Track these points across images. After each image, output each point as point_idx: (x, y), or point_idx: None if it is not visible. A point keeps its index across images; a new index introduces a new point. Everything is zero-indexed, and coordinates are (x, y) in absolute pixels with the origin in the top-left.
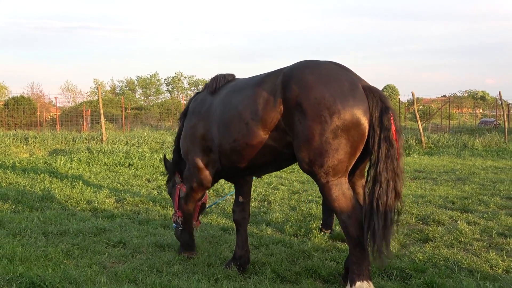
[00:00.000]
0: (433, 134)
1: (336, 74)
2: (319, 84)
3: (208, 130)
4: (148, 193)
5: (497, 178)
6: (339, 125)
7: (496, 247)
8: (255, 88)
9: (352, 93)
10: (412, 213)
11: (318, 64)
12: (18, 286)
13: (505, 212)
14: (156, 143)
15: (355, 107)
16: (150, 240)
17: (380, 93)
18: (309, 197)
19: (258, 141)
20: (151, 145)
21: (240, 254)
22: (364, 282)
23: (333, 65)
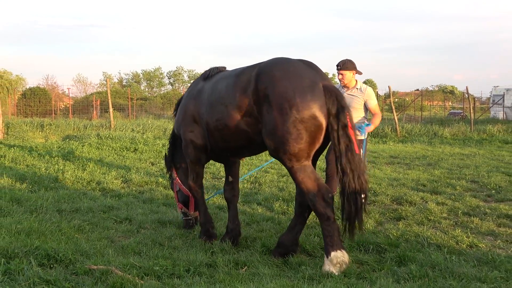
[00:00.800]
0: (407, 124)
1: (300, 71)
2: (284, 80)
3: (198, 108)
4: (152, 175)
5: (463, 163)
6: (298, 117)
7: (461, 225)
8: (235, 78)
9: (311, 89)
10: (387, 194)
11: (287, 62)
12: (34, 258)
13: (470, 194)
14: (159, 130)
15: (311, 102)
16: (153, 217)
17: (338, 92)
18: None
19: (234, 123)
20: (154, 132)
21: (232, 227)
22: (338, 252)
23: (300, 64)
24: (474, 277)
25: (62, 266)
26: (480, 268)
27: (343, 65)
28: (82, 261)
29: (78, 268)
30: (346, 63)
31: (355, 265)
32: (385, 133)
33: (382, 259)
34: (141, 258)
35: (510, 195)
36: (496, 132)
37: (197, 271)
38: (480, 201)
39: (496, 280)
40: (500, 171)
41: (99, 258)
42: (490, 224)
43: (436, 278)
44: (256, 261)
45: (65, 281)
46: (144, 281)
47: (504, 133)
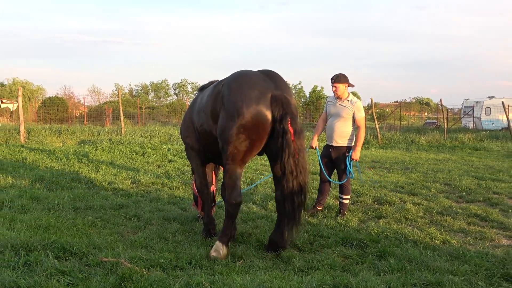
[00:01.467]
0: (387, 132)
1: (253, 83)
2: (237, 91)
3: (192, 115)
4: (158, 176)
5: (437, 168)
6: (242, 124)
7: (435, 223)
8: (212, 88)
9: (257, 100)
10: (369, 195)
11: (244, 75)
12: (51, 250)
13: (443, 195)
14: (165, 136)
15: (256, 112)
16: (159, 214)
17: (284, 100)
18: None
19: (210, 129)
20: (161, 138)
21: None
22: (220, 244)
23: (256, 76)
24: (446, 270)
25: (76, 258)
26: (452, 262)
27: (336, 78)
28: (94, 254)
29: (91, 260)
30: (339, 77)
31: (340, 259)
32: (367, 140)
33: (364, 254)
34: (148, 251)
35: (479, 197)
36: (467, 140)
37: (198, 263)
38: (452, 202)
39: (467, 273)
40: (470, 175)
41: (110, 251)
42: (461, 222)
43: (413, 271)
44: (251, 255)
45: (79, 272)
46: (150, 272)
47: (474, 141)
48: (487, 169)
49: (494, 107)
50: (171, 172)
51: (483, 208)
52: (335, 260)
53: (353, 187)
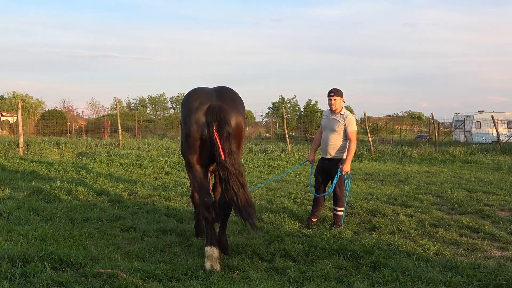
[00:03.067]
0: (380, 145)
1: (196, 97)
2: (184, 104)
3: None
4: (155, 188)
5: (430, 180)
6: (185, 132)
7: (428, 235)
8: None
9: (196, 110)
10: (363, 207)
11: (194, 90)
12: (48, 262)
13: (436, 207)
14: (162, 148)
15: (193, 121)
16: (156, 226)
17: (216, 110)
18: (282, 193)
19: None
20: (158, 150)
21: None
22: (209, 247)
23: (202, 91)
24: (439, 281)
25: (73, 270)
26: (445, 273)
27: (336, 92)
28: (91, 265)
29: (88, 272)
30: (338, 91)
31: (334, 270)
32: (360, 153)
33: (358, 265)
34: (144, 262)
35: (470, 209)
36: (458, 153)
37: (194, 274)
38: (444, 213)
39: (459, 284)
40: (461, 187)
41: (106, 263)
42: (454, 234)
43: (406, 282)
44: (246, 266)
45: (76, 283)
46: (146, 284)
47: (465, 154)
48: (478, 181)
49: (484, 121)
50: (168, 184)
51: (475, 220)
52: (329, 271)
53: (347, 199)
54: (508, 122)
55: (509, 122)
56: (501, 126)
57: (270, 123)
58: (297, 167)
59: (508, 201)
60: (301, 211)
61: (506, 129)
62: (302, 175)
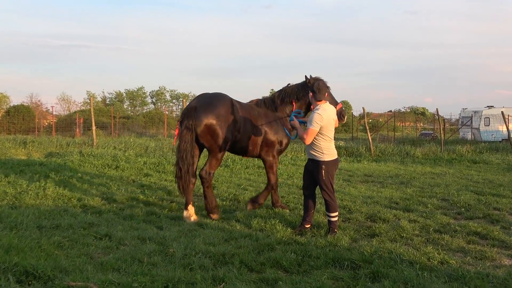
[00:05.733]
0: (380, 144)
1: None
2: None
3: None
4: (133, 192)
5: (434, 182)
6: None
7: (432, 242)
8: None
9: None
10: (362, 212)
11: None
12: (13, 274)
13: (441, 211)
14: (141, 148)
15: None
16: (133, 234)
17: (189, 110)
18: None
19: None
20: (136, 150)
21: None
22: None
23: (199, 96)
24: None
25: (40, 283)
26: (450, 284)
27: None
28: (61, 277)
29: (57, 285)
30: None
31: (330, 281)
32: (359, 153)
33: (356, 275)
34: (120, 274)
35: (478, 213)
36: (465, 152)
37: (175, 287)
38: (450, 218)
39: None
40: (469, 189)
41: (78, 275)
42: (460, 241)
43: None
44: (234, 278)
45: None
46: None
47: (473, 153)
48: (487, 183)
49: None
50: (147, 187)
51: (483, 225)
52: (325, 282)
53: (344, 203)
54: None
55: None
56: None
57: None
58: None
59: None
60: (294, 216)
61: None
62: (295, 176)
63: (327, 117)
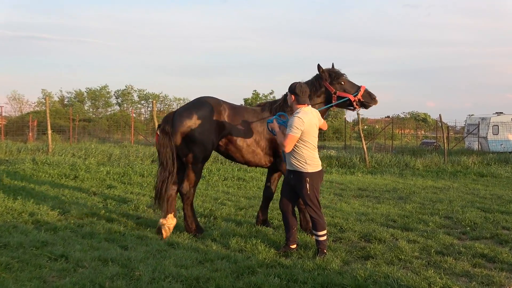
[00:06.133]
0: (376, 154)
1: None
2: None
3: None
4: (93, 206)
5: (437, 197)
6: None
7: (434, 265)
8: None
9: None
10: (355, 230)
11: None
12: None
13: (444, 231)
14: (104, 155)
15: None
16: (94, 254)
17: (170, 113)
18: (255, 213)
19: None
20: (98, 158)
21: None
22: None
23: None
24: None
25: None
26: None
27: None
28: None
29: None
30: (290, 86)
31: None
32: (353, 163)
33: None
34: None
35: (485, 233)
36: (471, 164)
37: None
38: (454, 238)
39: None
40: (475, 206)
41: None
42: (465, 264)
43: None
44: None
45: None
46: None
47: (479, 165)
48: (495, 199)
49: (503, 125)
50: (110, 201)
51: (491, 247)
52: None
53: (336, 221)
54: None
55: None
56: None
57: None
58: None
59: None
60: (278, 235)
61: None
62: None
63: (309, 122)
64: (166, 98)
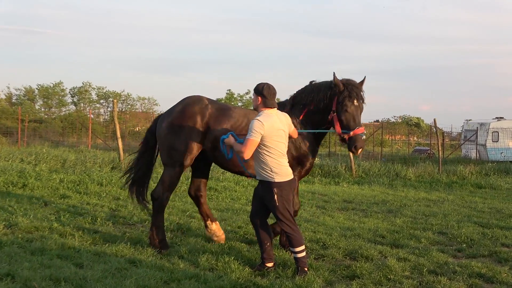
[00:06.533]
0: (364, 162)
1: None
2: None
3: None
4: (44, 218)
5: (430, 211)
6: None
7: (426, 286)
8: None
9: None
10: (339, 247)
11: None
12: None
13: (437, 248)
14: (57, 161)
15: None
16: (44, 273)
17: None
18: (228, 227)
19: None
20: (50, 164)
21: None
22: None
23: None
24: None
25: None
26: None
27: (255, 87)
28: None
29: None
30: (256, 86)
31: None
32: (337, 172)
33: None
34: None
35: (483, 250)
36: (468, 174)
37: None
38: (449, 256)
39: None
40: (472, 221)
41: None
42: (460, 284)
43: None
44: None
45: None
46: None
47: (477, 175)
48: (494, 213)
49: (504, 131)
50: (63, 212)
51: (489, 266)
52: None
53: (318, 236)
54: None
55: None
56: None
57: None
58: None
59: None
60: (253, 252)
61: None
62: None
63: (270, 125)
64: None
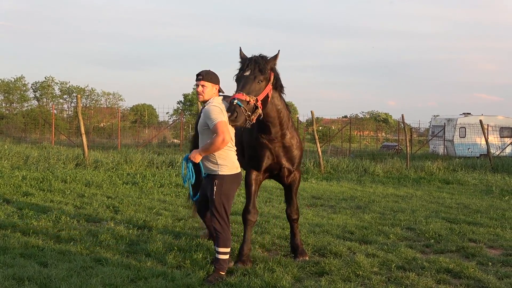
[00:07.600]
0: (332, 158)
1: None
2: None
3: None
4: (6, 216)
5: (398, 207)
6: None
7: (395, 281)
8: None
9: None
10: (308, 243)
11: None
12: None
13: (405, 243)
14: (19, 158)
15: None
16: (7, 272)
17: None
18: (195, 224)
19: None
20: (12, 160)
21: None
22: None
23: None
24: None
25: None
26: None
27: (206, 75)
28: None
29: None
30: (210, 74)
31: None
32: (306, 169)
33: None
34: None
35: (451, 246)
36: (436, 170)
37: None
38: (417, 252)
39: None
40: (440, 216)
41: None
42: (429, 280)
43: None
44: None
45: None
46: None
47: (445, 171)
48: (462, 208)
49: (471, 126)
50: (26, 210)
51: (457, 261)
52: None
53: (286, 233)
54: (501, 129)
55: (502, 129)
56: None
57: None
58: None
59: (499, 235)
60: None
61: (498, 139)
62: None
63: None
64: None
